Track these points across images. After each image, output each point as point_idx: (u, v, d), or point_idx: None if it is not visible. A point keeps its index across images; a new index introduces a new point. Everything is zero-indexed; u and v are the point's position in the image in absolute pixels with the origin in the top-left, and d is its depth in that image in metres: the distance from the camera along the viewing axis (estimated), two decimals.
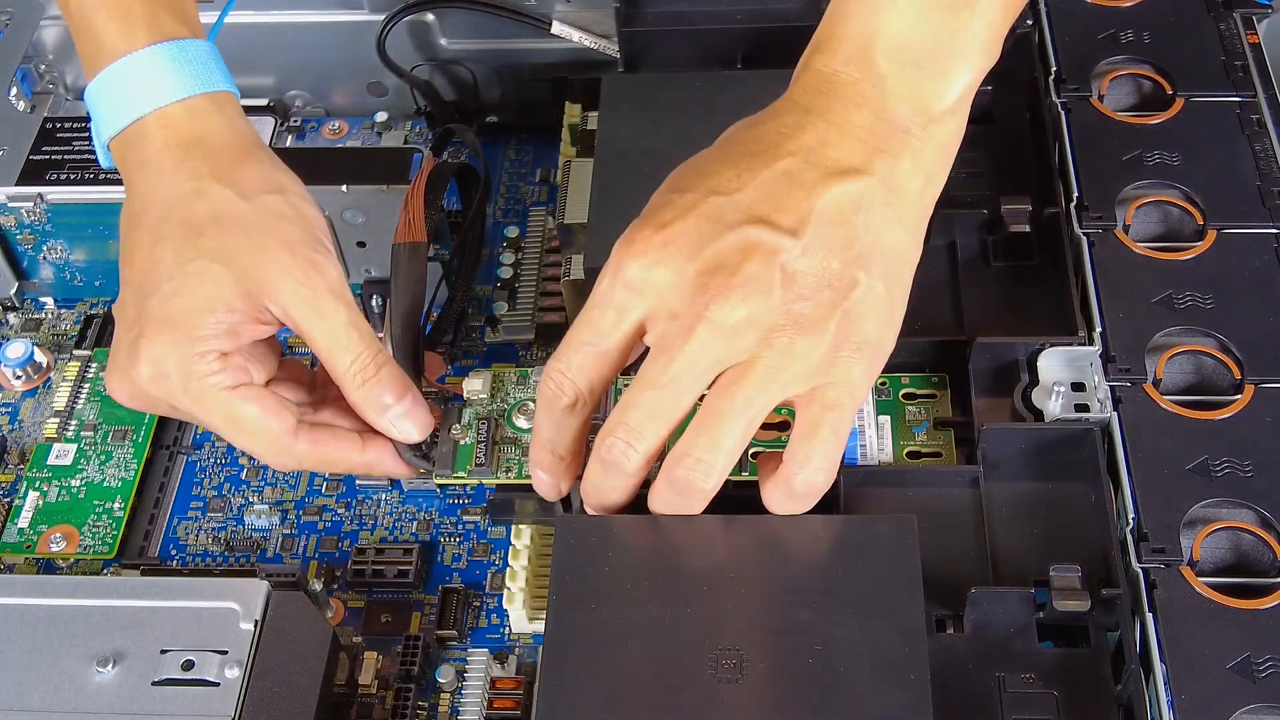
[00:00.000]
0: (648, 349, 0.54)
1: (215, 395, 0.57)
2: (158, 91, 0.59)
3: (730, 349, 0.52)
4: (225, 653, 0.54)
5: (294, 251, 0.58)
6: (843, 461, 0.55)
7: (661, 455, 0.54)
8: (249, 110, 0.78)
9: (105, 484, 0.69)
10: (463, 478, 0.62)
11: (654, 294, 0.52)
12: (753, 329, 0.51)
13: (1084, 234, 0.64)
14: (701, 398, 0.53)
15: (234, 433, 0.59)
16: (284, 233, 0.59)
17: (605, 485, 0.55)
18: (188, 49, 0.60)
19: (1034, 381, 0.61)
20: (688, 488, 0.53)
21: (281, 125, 0.79)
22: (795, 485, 0.53)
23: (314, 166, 0.73)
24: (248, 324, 0.58)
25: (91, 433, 0.71)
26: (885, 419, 0.63)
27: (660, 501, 0.54)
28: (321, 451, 0.60)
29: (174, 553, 0.68)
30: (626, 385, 0.55)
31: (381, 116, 0.83)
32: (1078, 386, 0.60)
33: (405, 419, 0.61)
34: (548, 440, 0.56)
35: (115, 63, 0.60)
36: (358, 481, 0.69)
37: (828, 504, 0.55)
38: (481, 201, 0.76)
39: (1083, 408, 0.59)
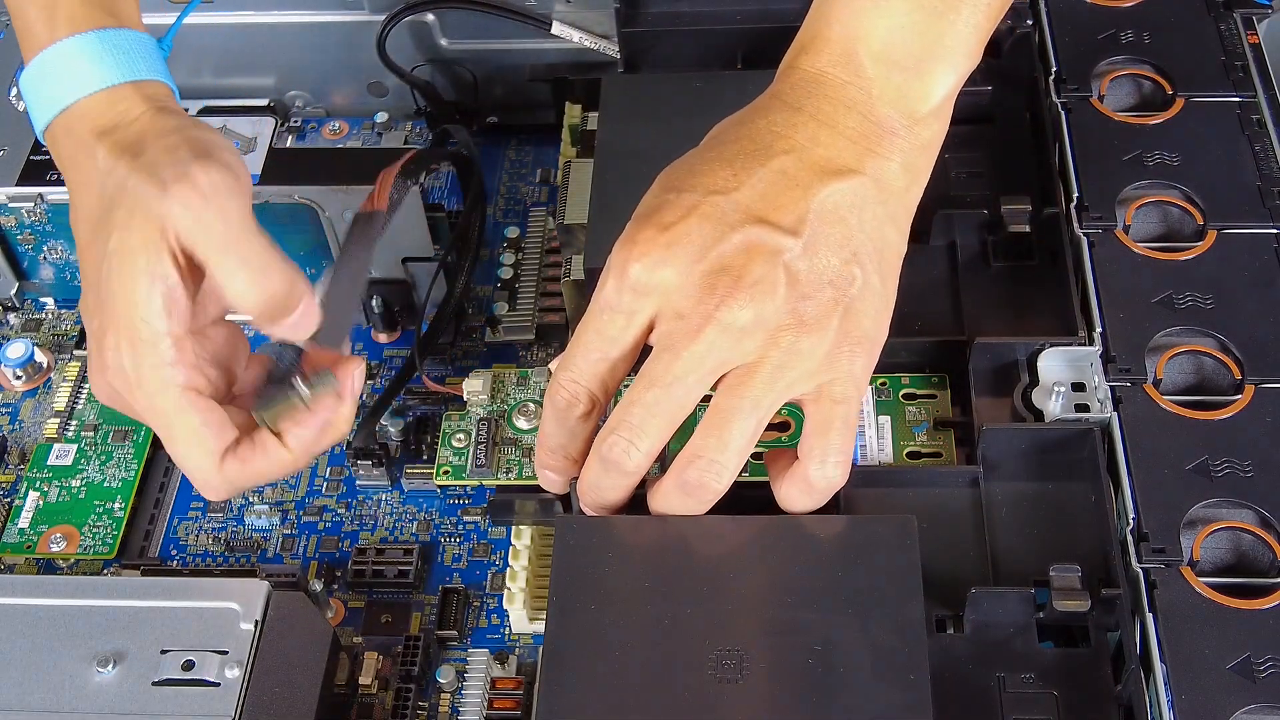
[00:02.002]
0: (649, 347, 0.54)
1: (163, 391, 0.53)
2: (77, 82, 0.57)
3: (737, 349, 0.52)
4: (225, 653, 0.54)
5: (193, 183, 0.53)
6: None
7: (660, 457, 0.54)
8: (249, 110, 0.79)
9: (105, 484, 0.69)
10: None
11: (660, 294, 0.52)
12: (760, 329, 0.52)
13: (1084, 234, 0.64)
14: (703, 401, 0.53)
15: (167, 439, 0.55)
16: (184, 170, 0.53)
17: (604, 484, 0.55)
18: (109, 39, 0.57)
19: (1034, 381, 0.61)
20: (699, 489, 0.53)
21: (281, 125, 0.79)
22: (814, 481, 0.54)
23: (314, 166, 0.74)
24: (180, 290, 0.53)
25: (92, 433, 0.71)
26: (885, 419, 0.63)
27: (666, 502, 0.55)
28: (251, 469, 0.56)
29: (174, 553, 0.68)
30: (626, 386, 0.55)
31: (381, 117, 0.83)
32: (1078, 386, 0.60)
33: (305, 317, 0.55)
34: (560, 446, 0.56)
35: (40, 54, 0.57)
36: (358, 481, 0.69)
37: (828, 504, 0.55)
38: (477, 195, 0.76)
39: (1083, 408, 0.59)
